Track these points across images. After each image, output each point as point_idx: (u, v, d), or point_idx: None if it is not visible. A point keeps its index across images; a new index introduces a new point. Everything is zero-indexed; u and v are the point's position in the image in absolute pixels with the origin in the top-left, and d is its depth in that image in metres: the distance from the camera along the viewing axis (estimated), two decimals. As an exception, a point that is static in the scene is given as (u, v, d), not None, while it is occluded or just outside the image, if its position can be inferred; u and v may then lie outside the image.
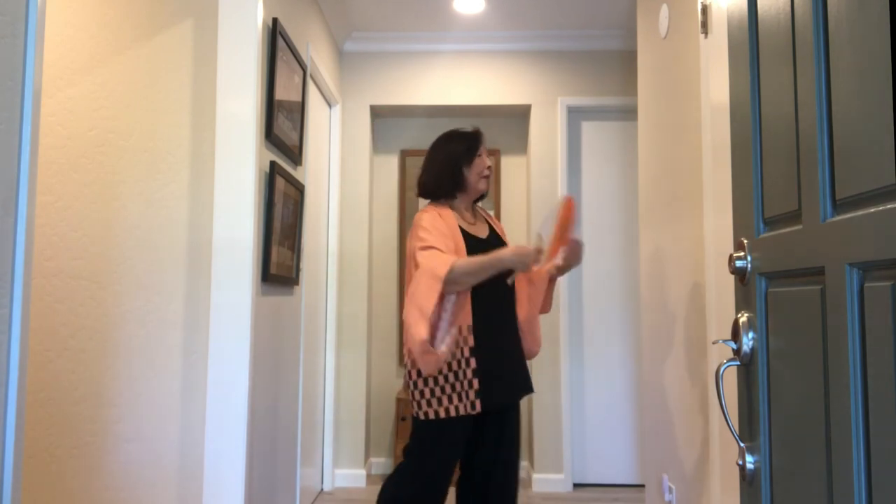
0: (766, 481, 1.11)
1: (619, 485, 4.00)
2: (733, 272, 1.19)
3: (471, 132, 2.28)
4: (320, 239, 3.75)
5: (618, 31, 4.02)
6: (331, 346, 3.86)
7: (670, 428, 2.49)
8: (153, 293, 2.29)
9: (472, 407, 2.07)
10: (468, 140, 2.25)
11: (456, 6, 3.68)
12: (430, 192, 2.27)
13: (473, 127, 2.32)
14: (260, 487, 2.54)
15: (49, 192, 2.10)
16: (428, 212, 2.19)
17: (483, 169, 2.25)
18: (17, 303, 1.16)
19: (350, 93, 4.12)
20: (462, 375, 2.09)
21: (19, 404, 1.16)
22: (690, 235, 2.29)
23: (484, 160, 2.26)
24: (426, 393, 2.09)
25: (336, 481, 3.93)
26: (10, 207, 1.16)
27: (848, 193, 0.87)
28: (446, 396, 2.08)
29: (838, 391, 0.87)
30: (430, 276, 2.01)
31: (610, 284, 4.07)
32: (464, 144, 2.24)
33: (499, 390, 2.14)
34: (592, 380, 4.05)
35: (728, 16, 1.27)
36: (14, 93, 1.18)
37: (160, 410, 2.27)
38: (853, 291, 0.85)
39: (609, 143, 4.14)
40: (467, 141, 2.25)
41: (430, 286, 2.00)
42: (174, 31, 2.37)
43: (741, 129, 1.21)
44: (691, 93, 2.29)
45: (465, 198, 2.28)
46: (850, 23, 0.86)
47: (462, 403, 2.08)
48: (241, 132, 2.39)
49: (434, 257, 2.05)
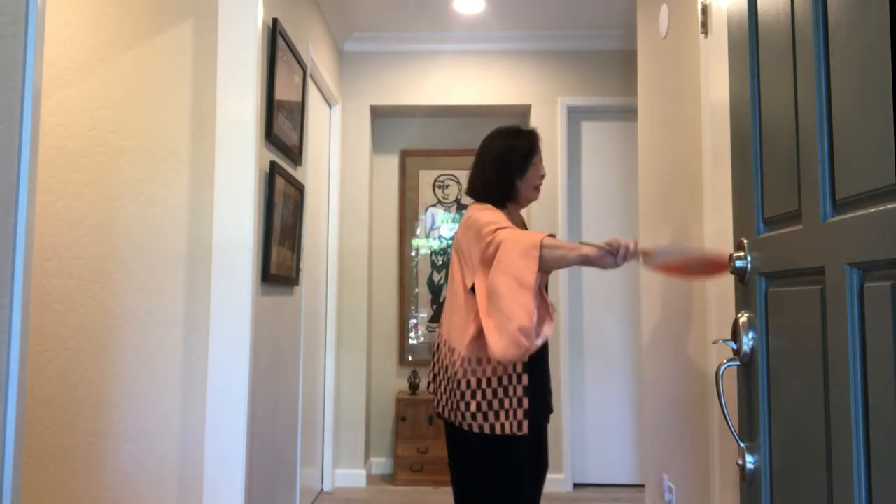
0: (766, 481, 1.11)
1: (619, 485, 3.99)
2: (733, 272, 1.19)
3: (528, 133, 2.06)
4: (320, 239, 3.75)
5: (618, 31, 4.02)
6: (331, 346, 3.86)
7: (670, 428, 2.49)
8: (153, 293, 2.29)
9: (519, 427, 1.90)
10: (525, 145, 2.04)
11: (456, 6, 3.68)
12: (479, 196, 2.07)
13: (530, 127, 2.13)
14: (260, 487, 2.54)
15: (49, 192, 2.10)
16: (487, 208, 2.00)
17: (537, 179, 2.06)
18: (17, 303, 1.16)
19: (350, 93, 4.12)
20: (512, 392, 1.92)
21: (19, 404, 1.16)
22: (690, 235, 2.29)
23: (538, 168, 2.06)
24: (472, 406, 1.92)
25: (336, 481, 3.93)
26: (10, 207, 1.16)
27: (848, 193, 0.87)
28: (493, 413, 1.91)
29: (838, 391, 0.87)
30: (526, 244, 1.78)
31: (610, 284, 4.07)
32: (520, 151, 2.03)
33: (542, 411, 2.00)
34: (592, 380, 4.05)
35: (728, 16, 1.27)
36: (14, 93, 1.18)
37: (160, 410, 2.27)
38: (853, 291, 0.85)
39: (609, 143, 4.14)
40: (524, 146, 2.03)
41: (528, 253, 1.76)
42: (174, 31, 2.37)
43: (741, 129, 1.21)
44: (691, 93, 2.29)
45: (515, 207, 2.10)
46: (850, 23, 0.86)
47: (509, 422, 1.90)
48: (241, 132, 2.39)
49: (518, 232, 1.84)
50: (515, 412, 1.90)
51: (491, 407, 1.91)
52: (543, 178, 2.08)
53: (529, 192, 2.06)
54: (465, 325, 1.94)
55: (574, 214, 4.10)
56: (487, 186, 2.04)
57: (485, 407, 1.91)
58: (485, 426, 1.90)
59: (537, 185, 2.07)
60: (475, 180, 2.08)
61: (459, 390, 1.93)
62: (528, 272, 1.76)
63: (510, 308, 1.76)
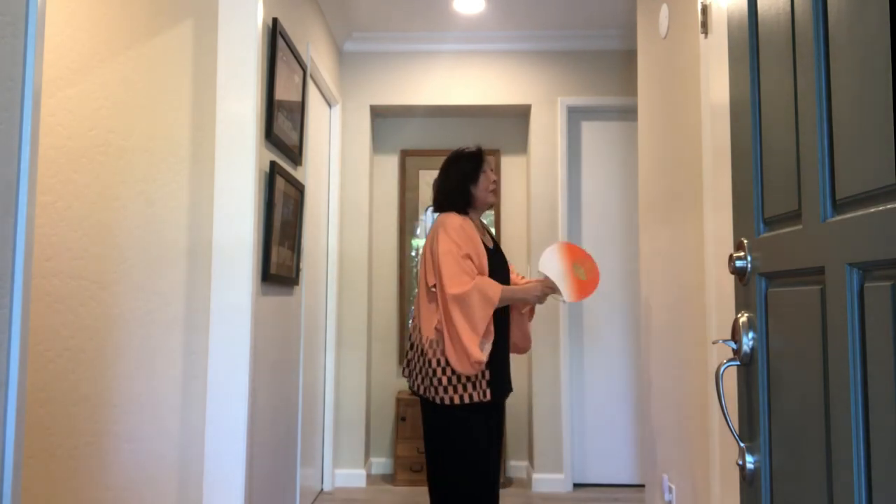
0: (766, 481, 1.11)
1: (619, 485, 4.00)
2: (733, 272, 1.19)
3: (474, 151, 2.48)
4: (320, 239, 3.75)
5: (618, 31, 4.01)
6: (331, 346, 3.86)
7: (670, 428, 2.49)
8: (153, 293, 2.29)
9: (484, 395, 2.29)
10: (474, 158, 2.46)
11: (456, 6, 3.68)
12: (444, 207, 2.47)
13: (476, 146, 2.51)
14: (260, 487, 2.54)
15: (49, 192, 2.10)
16: (453, 217, 2.37)
17: (489, 184, 2.45)
18: (17, 303, 1.16)
19: (350, 93, 4.12)
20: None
21: (19, 404, 1.16)
22: (690, 235, 2.29)
23: (489, 176, 2.46)
24: (444, 381, 2.29)
25: (336, 481, 3.93)
26: (10, 208, 1.16)
27: (848, 193, 0.87)
28: (461, 385, 2.29)
29: (838, 391, 0.87)
30: (486, 302, 2.26)
31: (610, 284, 4.07)
32: (471, 163, 2.45)
33: (501, 385, 2.39)
34: (592, 380, 4.05)
35: (728, 16, 1.27)
36: (14, 93, 1.18)
37: (160, 410, 2.27)
38: (853, 291, 0.85)
39: (609, 143, 4.14)
40: (473, 158, 2.46)
41: (486, 311, 2.26)
42: (174, 31, 2.37)
43: (741, 129, 1.21)
44: (691, 93, 2.29)
45: (475, 212, 2.48)
46: (850, 23, 0.86)
47: (477, 391, 2.29)
48: (241, 132, 2.39)
49: (485, 282, 2.29)
50: (480, 382, 2.30)
51: (459, 380, 2.28)
52: (495, 183, 2.48)
53: (485, 195, 2.44)
54: (430, 313, 2.34)
55: (574, 214, 4.10)
56: (450, 196, 2.43)
57: (454, 381, 2.28)
58: (455, 397, 2.27)
59: (491, 189, 2.45)
60: (437, 195, 2.48)
61: (431, 368, 2.30)
62: (483, 325, 2.24)
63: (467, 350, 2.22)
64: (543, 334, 3.94)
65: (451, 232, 2.31)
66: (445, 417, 2.31)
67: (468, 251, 2.30)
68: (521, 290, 2.36)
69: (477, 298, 2.25)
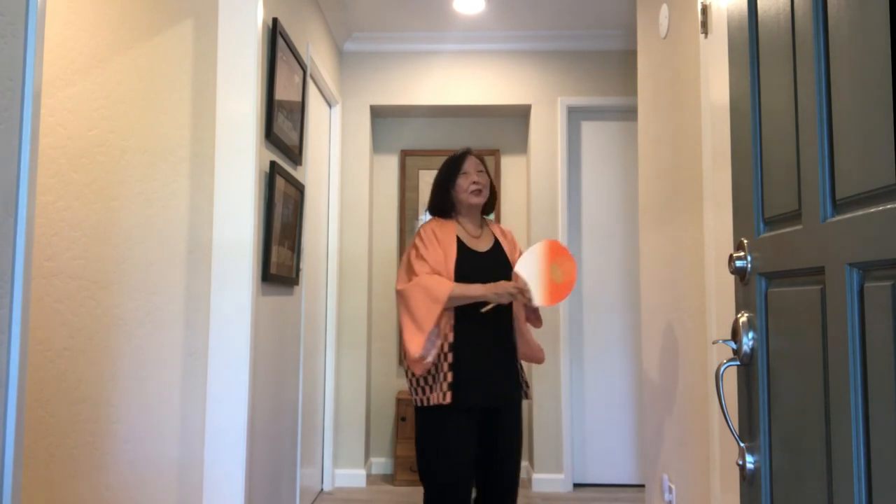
0: (766, 481, 1.11)
1: (619, 485, 4.00)
2: (733, 272, 1.19)
3: (457, 154, 2.48)
4: (320, 239, 3.75)
5: (618, 31, 4.01)
6: (331, 346, 3.86)
7: (670, 428, 2.49)
8: (153, 293, 2.29)
9: (444, 397, 2.24)
10: (453, 162, 2.46)
11: (456, 6, 3.68)
12: (432, 212, 2.53)
13: (464, 147, 2.51)
14: (260, 487, 2.54)
15: (49, 192, 2.10)
16: (429, 223, 2.44)
17: (468, 185, 2.41)
18: (17, 303, 1.16)
19: (350, 93, 4.12)
20: (440, 368, 2.29)
21: (19, 404, 1.17)
22: (690, 235, 2.29)
23: (469, 177, 2.42)
24: (413, 382, 2.32)
25: (336, 481, 3.93)
26: (10, 207, 1.16)
27: (848, 193, 0.87)
28: (427, 387, 2.29)
29: (838, 391, 0.87)
30: (431, 300, 2.24)
31: (610, 284, 4.07)
32: (447, 168, 2.46)
33: (474, 390, 2.28)
34: (592, 380, 4.05)
35: (728, 16, 1.27)
36: (14, 93, 1.18)
37: (160, 410, 2.27)
38: (853, 291, 0.85)
39: (609, 143, 4.14)
40: (452, 162, 2.46)
41: (430, 308, 2.24)
42: (174, 31, 2.37)
43: (741, 129, 1.21)
44: (691, 93, 2.29)
45: (463, 213, 2.46)
46: (850, 23, 0.86)
47: (436, 394, 2.26)
48: (241, 132, 2.39)
49: (433, 280, 2.28)
50: (442, 385, 2.26)
51: (427, 381, 2.29)
52: (476, 184, 2.41)
53: (465, 196, 2.41)
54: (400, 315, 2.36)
55: (574, 214, 4.10)
56: (435, 203, 2.48)
57: (422, 382, 2.30)
58: (419, 399, 2.29)
59: (472, 190, 2.41)
60: (428, 203, 2.52)
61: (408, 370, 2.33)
62: (428, 324, 2.23)
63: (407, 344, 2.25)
64: (543, 334, 3.94)
65: (418, 236, 2.38)
66: (419, 417, 2.34)
67: (427, 253, 2.33)
68: (478, 289, 2.25)
69: (419, 295, 2.24)
